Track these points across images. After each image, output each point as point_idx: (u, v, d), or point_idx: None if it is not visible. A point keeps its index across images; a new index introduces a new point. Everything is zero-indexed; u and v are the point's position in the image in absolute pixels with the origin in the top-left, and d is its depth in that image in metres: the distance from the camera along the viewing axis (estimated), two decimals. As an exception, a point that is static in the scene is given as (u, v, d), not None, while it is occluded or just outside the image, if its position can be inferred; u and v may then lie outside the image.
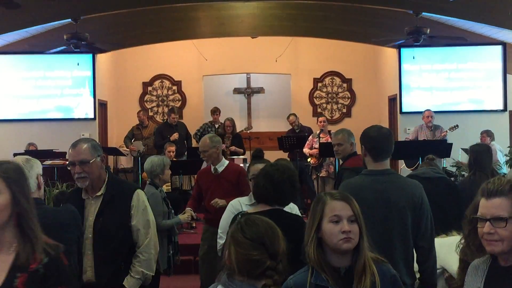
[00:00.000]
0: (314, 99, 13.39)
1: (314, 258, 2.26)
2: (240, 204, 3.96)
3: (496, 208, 2.05)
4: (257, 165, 3.91)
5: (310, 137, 9.63)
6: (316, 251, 2.27)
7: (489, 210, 2.07)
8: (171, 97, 13.42)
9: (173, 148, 8.79)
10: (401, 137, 10.77)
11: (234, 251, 2.11)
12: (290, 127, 10.51)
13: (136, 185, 3.89)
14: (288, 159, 10.30)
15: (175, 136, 9.78)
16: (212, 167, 5.37)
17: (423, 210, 3.09)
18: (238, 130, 10.40)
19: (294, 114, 10.56)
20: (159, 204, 4.91)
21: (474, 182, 4.77)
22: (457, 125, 9.54)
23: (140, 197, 3.52)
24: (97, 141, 3.60)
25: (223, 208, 4.31)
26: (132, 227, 3.46)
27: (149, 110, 13.21)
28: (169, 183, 8.37)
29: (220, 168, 5.35)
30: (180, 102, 13.33)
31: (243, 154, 9.83)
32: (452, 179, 5.37)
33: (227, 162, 5.46)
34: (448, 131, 9.45)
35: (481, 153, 4.96)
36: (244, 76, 13.55)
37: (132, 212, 3.46)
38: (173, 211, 5.21)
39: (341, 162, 5.47)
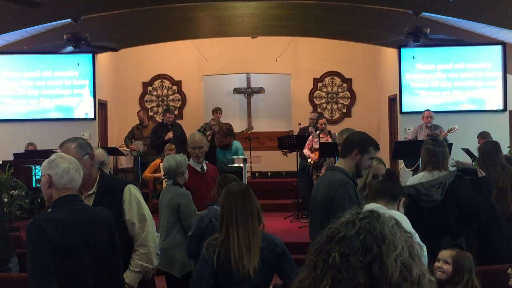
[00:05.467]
0: (314, 99, 13.39)
1: None
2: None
3: None
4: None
5: (310, 137, 9.59)
6: None
7: None
8: (171, 97, 13.42)
9: (173, 147, 8.80)
10: (401, 137, 10.74)
11: (221, 190, 3.63)
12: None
13: (127, 181, 3.89)
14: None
15: (170, 135, 9.79)
16: (199, 166, 5.42)
17: (332, 204, 3.43)
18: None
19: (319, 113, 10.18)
20: (191, 204, 4.78)
21: (489, 178, 4.91)
22: (456, 127, 9.49)
23: (132, 191, 3.52)
24: (86, 140, 3.52)
25: None
26: (126, 222, 3.46)
27: (149, 110, 13.21)
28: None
29: (205, 167, 5.46)
30: (180, 102, 13.33)
31: None
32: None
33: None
34: (447, 132, 9.42)
35: (487, 151, 5.13)
36: (244, 76, 13.54)
37: (124, 207, 3.46)
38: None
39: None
